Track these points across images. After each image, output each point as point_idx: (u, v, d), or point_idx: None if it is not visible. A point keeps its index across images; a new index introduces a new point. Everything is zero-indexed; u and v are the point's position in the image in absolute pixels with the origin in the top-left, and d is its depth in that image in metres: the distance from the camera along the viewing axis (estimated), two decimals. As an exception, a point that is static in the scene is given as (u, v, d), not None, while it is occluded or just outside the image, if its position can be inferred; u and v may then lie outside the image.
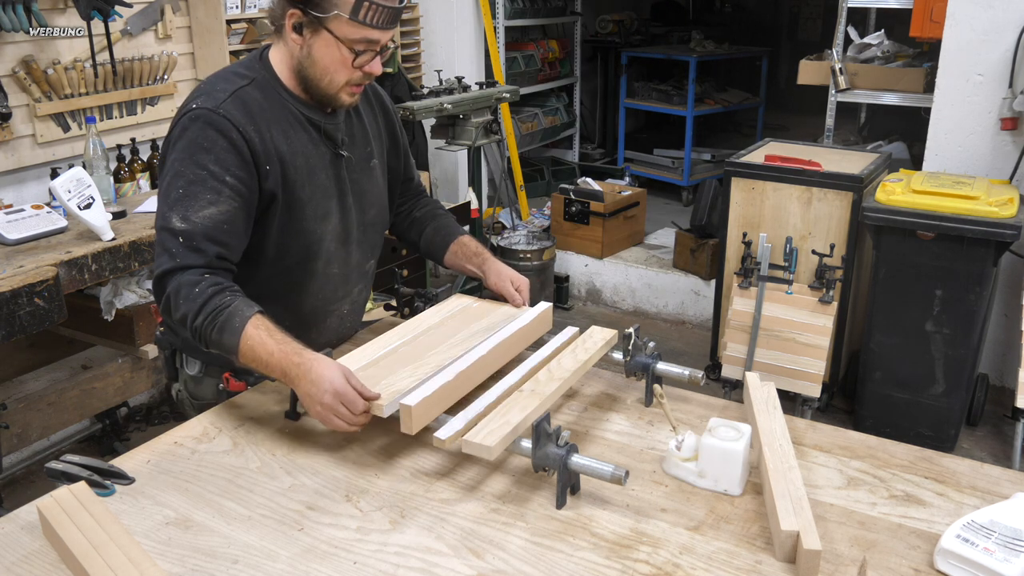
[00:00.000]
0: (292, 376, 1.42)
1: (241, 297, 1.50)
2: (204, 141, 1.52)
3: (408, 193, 1.99)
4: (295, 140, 1.62)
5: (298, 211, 1.63)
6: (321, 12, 1.50)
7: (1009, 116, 3.29)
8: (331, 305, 1.78)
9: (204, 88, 1.60)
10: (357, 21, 1.50)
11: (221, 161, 1.51)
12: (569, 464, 1.30)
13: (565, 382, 1.56)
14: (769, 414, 1.50)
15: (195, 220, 1.49)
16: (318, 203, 1.65)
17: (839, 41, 3.94)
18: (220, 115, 1.53)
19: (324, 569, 1.19)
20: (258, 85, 1.60)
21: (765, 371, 3.24)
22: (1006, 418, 3.34)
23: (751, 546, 1.24)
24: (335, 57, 1.55)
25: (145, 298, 2.83)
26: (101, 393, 2.81)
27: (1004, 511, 1.22)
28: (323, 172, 1.66)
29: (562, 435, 1.31)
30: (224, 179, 1.51)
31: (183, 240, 1.49)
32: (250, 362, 1.46)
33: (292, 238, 1.63)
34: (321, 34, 1.53)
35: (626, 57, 6.28)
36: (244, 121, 1.54)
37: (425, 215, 1.97)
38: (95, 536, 1.18)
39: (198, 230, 1.49)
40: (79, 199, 2.53)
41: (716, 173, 5.52)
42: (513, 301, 1.83)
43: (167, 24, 3.40)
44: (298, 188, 1.62)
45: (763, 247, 3.35)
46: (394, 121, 1.88)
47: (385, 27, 1.54)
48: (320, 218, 1.66)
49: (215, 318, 1.45)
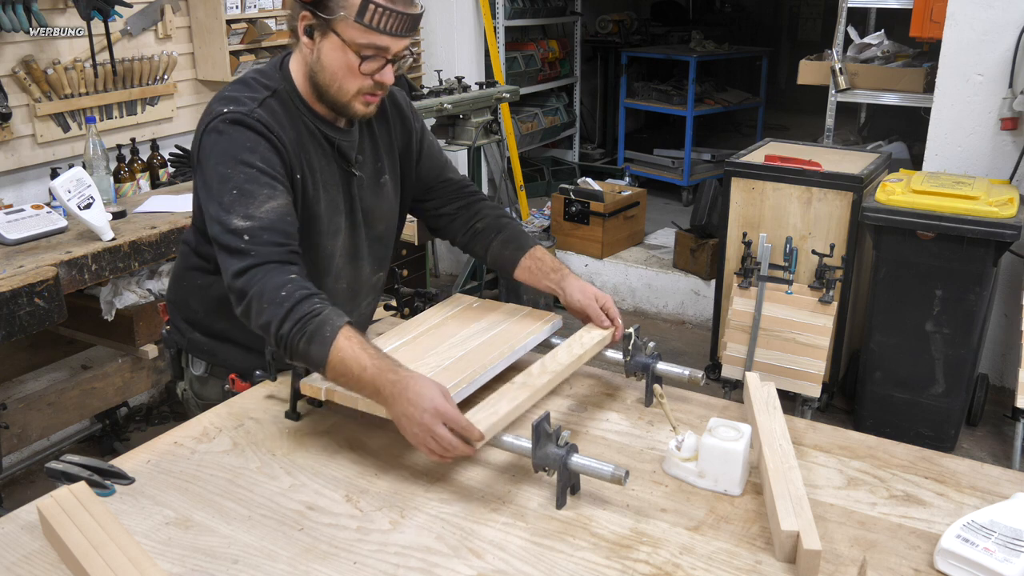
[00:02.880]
0: (387, 395, 1.33)
1: (331, 305, 1.41)
2: (247, 142, 1.49)
3: (449, 194, 1.85)
4: (312, 154, 1.60)
5: (313, 226, 1.61)
6: (328, 13, 1.47)
7: (1009, 116, 3.29)
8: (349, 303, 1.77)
9: (231, 95, 1.56)
10: (363, 24, 1.46)
11: (267, 160, 1.50)
12: (569, 464, 1.30)
13: (557, 375, 1.56)
14: (769, 414, 1.50)
15: (259, 216, 1.44)
16: (330, 219, 1.64)
17: (839, 41, 3.94)
18: (255, 119, 1.51)
19: (324, 569, 1.19)
20: (279, 97, 1.58)
21: (765, 371, 3.24)
22: (1006, 418, 3.34)
23: (751, 546, 1.24)
24: (342, 62, 1.51)
25: (145, 298, 2.83)
26: (101, 393, 2.80)
27: (1004, 511, 1.22)
28: (335, 189, 1.65)
29: (562, 435, 1.31)
30: (275, 175, 1.50)
31: (250, 237, 1.42)
32: (339, 376, 1.37)
33: (305, 252, 1.57)
34: (329, 37, 1.50)
35: (626, 57, 6.28)
36: (277, 128, 1.53)
37: (488, 226, 1.82)
38: (95, 536, 1.18)
39: (265, 224, 1.43)
40: (79, 199, 2.53)
41: (716, 173, 5.52)
42: (599, 323, 1.68)
43: (167, 24, 3.40)
44: (314, 203, 1.60)
45: (763, 247, 3.35)
46: (411, 127, 1.79)
47: (395, 34, 1.48)
48: (331, 234, 1.65)
49: (304, 327, 1.37)
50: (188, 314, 1.77)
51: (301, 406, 1.58)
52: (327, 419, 1.58)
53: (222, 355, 1.75)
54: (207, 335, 1.75)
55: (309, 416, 1.59)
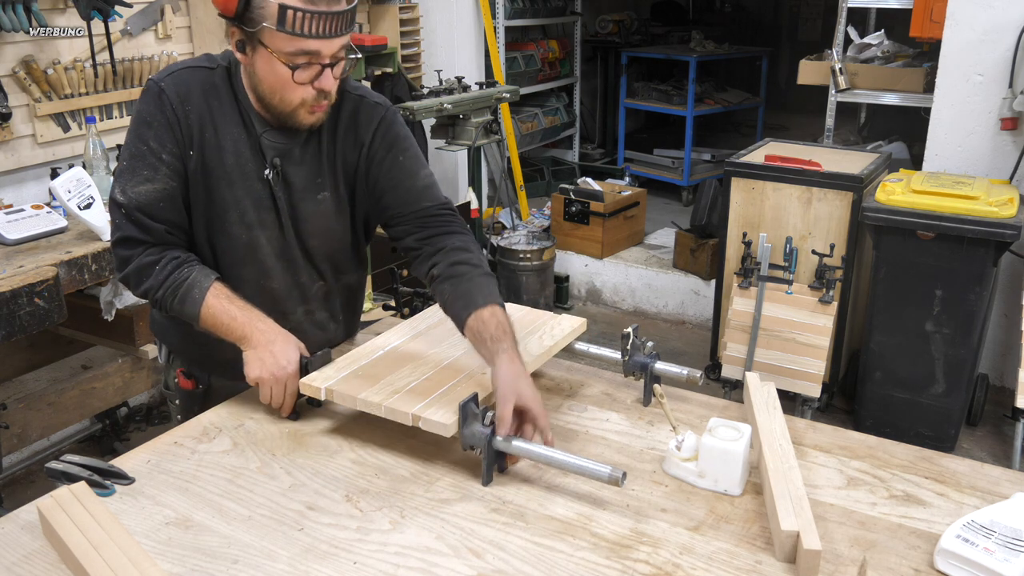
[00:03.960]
0: (255, 341, 1.50)
1: (199, 267, 1.55)
2: (147, 115, 1.53)
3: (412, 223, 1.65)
4: (232, 139, 1.55)
5: (220, 211, 1.58)
6: (252, 26, 1.42)
7: (1009, 116, 3.29)
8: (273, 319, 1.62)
9: (172, 63, 1.63)
10: (286, 32, 1.39)
11: (159, 138, 1.51)
12: (494, 443, 1.35)
13: (528, 366, 1.54)
14: (769, 414, 1.50)
15: (132, 195, 1.52)
16: (246, 209, 1.58)
17: (839, 41, 3.94)
18: (161, 89, 1.52)
19: (324, 569, 1.19)
20: (219, 75, 1.56)
21: (765, 371, 3.24)
22: (1006, 418, 3.34)
23: (751, 546, 1.24)
24: (276, 74, 1.45)
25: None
26: (101, 393, 2.80)
27: (1004, 511, 1.22)
28: (257, 182, 1.58)
29: (488, 415, 1.34)
30: (161, 156, 1.52)
31: (124, 212, 1.53)
32: (211, 327, 1.53)
33: (220, 238, 1.60)
34: (259, 50, 1.45)
35: (626, 57, 6.28)
36: (177, 101, 1.52)
37: (442, 274, 1.59)
38: (95, 536, 1.18)
39: (134, 204, 1.52)
40: (79, 199, 2.53)
41: (716, 173, 5.52)
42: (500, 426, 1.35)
43: (167, 24, 3.40)
44: (222, 187, 1.56)
45: (763, 247, 3.35)
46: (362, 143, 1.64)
47: (322, 35, 1.41)
48: (248, 225, 1.59)
49: (176, 291, 1.52)
50: None
51: (301, 406, 1.58)
52: (327, 419, 1.58)
53: (171, 340, 1.79)
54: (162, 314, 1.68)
55: (309, 416, 1.59)
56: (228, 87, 1.56)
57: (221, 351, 1.57)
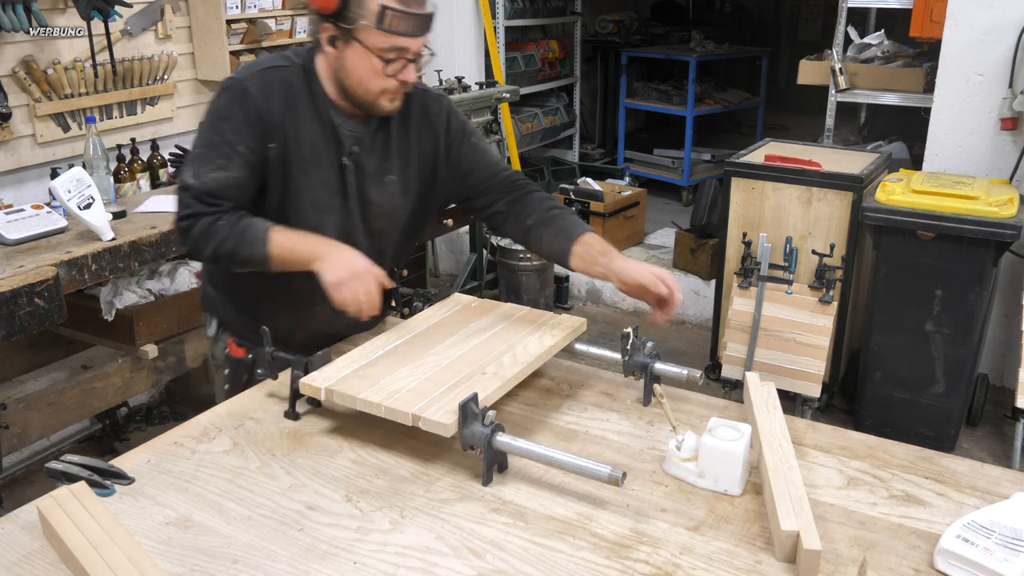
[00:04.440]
0: (323, 253, 1.60)
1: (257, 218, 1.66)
2: (226, 111, 1.64)
3: (497, 191, 1.86)
4: (308, 131, 1.68)
5: (294, 197, 1.70)
6: (349, 24, 1.57)
7: (1009, 116, 3.29)
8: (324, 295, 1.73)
9: (249, 63, 1.74)
10: (383, 30, 1.56)
11: (237, 131, 1.63)
12: (493, 443, 1.35)
13: (528, 366, 1.59)
14: (769, 414, 1.50)
15: (204, 180, 1.62)
16: (318, 195, 1.71)
17: (839, 41, 3.94)
18: (244, 88, 1.64)
19: (324, 569, 1.19)
20: (295, 71, 1.69)
21: (765, 371, 3.24)
22: (1006, 418, 3.34)
23: (751, 546, 1.24)
24: (367, 67, 1.60)
25: (145, 298, 2.83)
26: (101, 393, 2.80)
27: (1004, 511, 1.22)
28: (329, 170, 1.72)
29: (488, 415, 1.35)
30: (236, 148, 1.63)
31: (193, 195, 1.63)
32: (281, 254, 1.61)
33: (290, 219, 1.70)
34: (352, 45, 1.60)
35: (626, 57, 6.28)
36: (260, 99, 1.64)
37: (538, 221, 1.81)
38: (95, 536, 1.18)
39: (204, 188, 1.62)
40: (79, 199, 2.53)
41: (716, 173, 5.52)
42: (656, 289, 1.63)
43: (167, 24, 3.40)
44: (298, 175, 1.69)
45: (763, 247, 3.35)
46: (437, 133, 1.82)
47: (412, 34, 1.59)
48: (319, 210, 1.72)
49: (242, 238, 1.62)
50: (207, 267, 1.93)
51: (301, 406, 1.59)
52: (327, 419, 1.58)
53: (223, 313, 1.89)
54: (216, 289, 1.89)
55: (309, 416, 1.59)
56: (304, 83, 1.69)
57: (273, 323, 1.68)
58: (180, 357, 2.94)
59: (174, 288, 2.90)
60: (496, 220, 1.89)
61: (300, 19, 3.76)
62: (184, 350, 2.95)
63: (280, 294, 1.77)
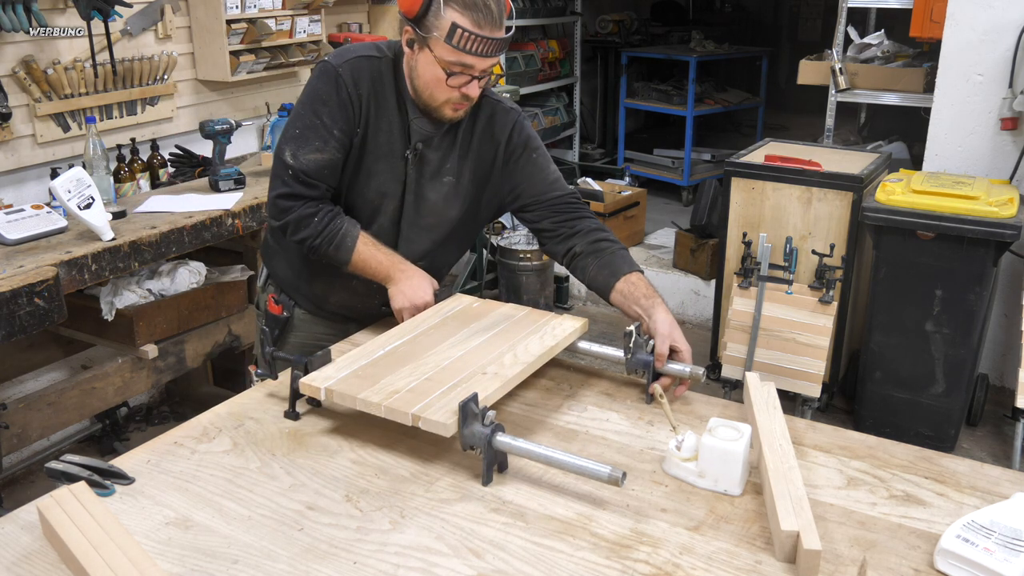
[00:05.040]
0: (396, 278, 1.80)
1: (349, 219, 1.80)
2: (322, 92, 1.74)
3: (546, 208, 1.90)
4: (387, 121, 1.79)
5: (364, 179, 1.82)
6: (424, 31, 1.65)
7: (1009, 116, 3.29)
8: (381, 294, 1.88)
9: (344, 47, 1.83)
10: (452, 45, 1.63)
11: (333, 115, 1.74)
12: (494, 443, 1.35)
13: (529, 366, 1.59)
14: (769, 414, 1.50)
15: (303, 160, 1.75)
16: (384, 181, 1.82)
17: (839, 41, 3.94)
18: (339, 73, 1.73)
19: (324, 569, 1.19)
20: (384, 63, 1.78)
21: (765, 371, 3.24)
22: (1006, 418, 3.34)
23: (751, 546, 1.24)
24: (433, 74, 1.68)
25: (145, 298, 2.83)
26: (101, 393, 2.80)
27: (1004, 511, 1.22)
28: (399, 159, 1.81)
29: (488, 415, 1.35)
30: (333, 132, 1.74)
31: (292, 174, 1.75)
32: (360, 269, 1.80)
33: (356, 199, 1.84)
34: (424, 51, 1.68)
35: (626, 57, 6.28)
36: (352, 85, 1.74)
37: (586, 251, 1.84)
38: (95, 536, 1.18)
39: (302, 168, 1.75)
40: (79, 199, 2.53)
41: (716, 173, 5.52)
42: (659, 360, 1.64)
43: (167, 24, 3.40)
44: (370, 159, 1.80)
45: (763, 247, 3.35)
46: (498, 143, 1.86)
47: (480, 55, 1.65)
48: (381, 194, 1.83)
49: (331, 240, 1.77)
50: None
51: (301, 406, 1.59)
52: (327, 419, 1.58)
53: (274, 264, 2.01)
54: (276, 241, 1.98)
55: (309, 416, 1.59)
56: (392, 76, 1.79)
57: (310, 286, 1.92)
58: (180, 357, 2.95)
59: (174, 288, 2.90)
60: (541, 237, 1.95)
61: (300, 19, 3.76)
62: (184, 350, 2.95)
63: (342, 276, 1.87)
